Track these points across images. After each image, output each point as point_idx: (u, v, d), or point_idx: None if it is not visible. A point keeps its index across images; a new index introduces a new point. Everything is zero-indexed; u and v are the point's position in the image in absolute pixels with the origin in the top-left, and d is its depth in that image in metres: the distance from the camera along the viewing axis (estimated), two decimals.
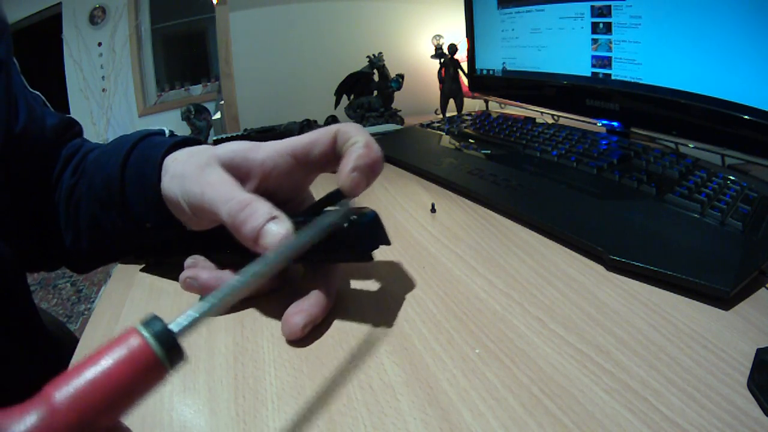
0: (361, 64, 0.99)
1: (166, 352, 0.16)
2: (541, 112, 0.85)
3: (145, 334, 0.16)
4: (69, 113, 1.14)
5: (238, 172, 0.31)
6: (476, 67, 0.87)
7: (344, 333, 0.30)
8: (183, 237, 0.35)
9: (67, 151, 0.43)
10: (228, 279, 0.22)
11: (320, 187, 0.38)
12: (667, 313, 0.30)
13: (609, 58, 0.59)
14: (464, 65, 0.93)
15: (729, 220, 0.36)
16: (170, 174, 0.32)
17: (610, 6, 0.57)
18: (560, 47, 0.67)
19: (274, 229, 0.26)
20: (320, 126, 0.77)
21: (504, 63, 0.80)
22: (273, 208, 0.27)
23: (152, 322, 0.17)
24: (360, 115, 0.97)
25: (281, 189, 0.33)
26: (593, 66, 0.62)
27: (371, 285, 0.36)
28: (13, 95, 0.40)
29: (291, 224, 0.26)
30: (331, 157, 0.32)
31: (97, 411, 0.15)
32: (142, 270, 0.41)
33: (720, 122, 0.48)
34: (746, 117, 0.45)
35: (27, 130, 0.40)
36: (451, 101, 0.96)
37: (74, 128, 0.46)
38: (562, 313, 0.31)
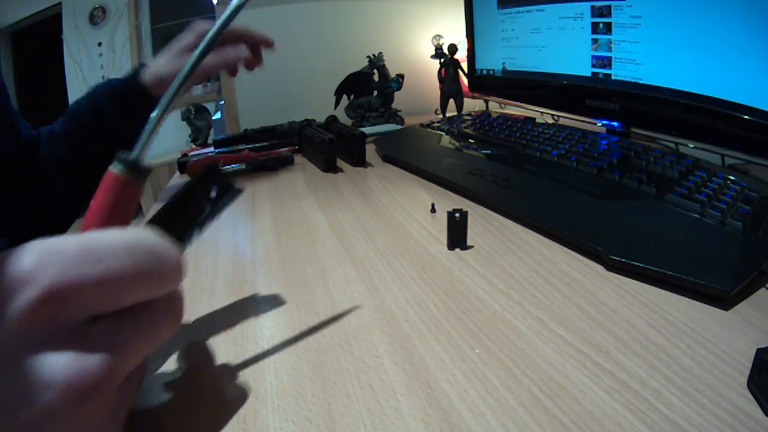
0: (361, 64, 0.99)
1: (130, 173, 0.23)
2: (541, 112, 0.85)
3: (113, 169, 0.23)
4: None
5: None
6: (476, 67, 0.87)
7: (344, 333, 0.30)
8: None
9: (43, 148, 0.52)
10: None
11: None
12: (667, 313, 0.30)
13: (609, 58, 0.59)
14: (464, 65, 0.93)
15: (729, 220, 0.36)
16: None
17: (610, 6, 0.57)
18: (560, 47, 0.67)
19: None
20: (320, 126, 0.77)
21: (504, 63, 0.80)
22: None
23: (117, 159, 0.23)
24: (360, 115, 0.97)
25: None
26: (593, 66, 0.62)
27: (370, 285, 0.36)
28: (10, 106, 0.48)
29: None
30: None
31: (109, 221, 0.22)
32: None
33: (720, 122, 0.48)
34: (746, 117, 0.45)
35: (25, 136, 0.48)
36: (451, 101, 0.96)
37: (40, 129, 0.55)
38: (562, 313, 0.31)
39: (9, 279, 0.16)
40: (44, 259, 0.17)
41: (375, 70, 0.98)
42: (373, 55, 0.98)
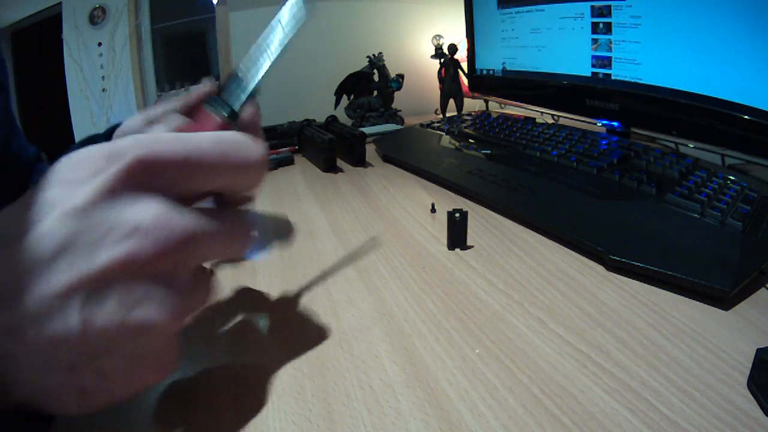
0: (361, 64, 0.99)
1: (231, 120, 0.27)
2: (541, 112, 0.85)
3: (218, 114, 0.27)
4: (69, 113, 1.13)
5: None
6: (476, 67, 0.87)
7: (344, 333, 0.30)
8: None
9: (35, 176, 0.48)
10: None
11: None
12: (667, 313, 0.30)
13: (609, 58, 0.60)
14: (464, 65, 0.93)
15: (729, 220, 0.36)
16: None
17: (610, 6, 0.57)
18: (560, 47, 0.67)
19: None
20: (320, 126, 0.77)
21: (504, 63, 0.80)
22: None
23: (223, 107, 0.27)
24: (360, 115, 0.97)
25: None
26: (593, 66, 0.62)
27: (371, 285, 0.36)
28: (11, 118, 0.44)
29: None
30: None
31: None
32: None
33: (720, 122, 0.48)
34: (746, 117, 0.45)
35: (20, 152, 0.45)
36: (451, 101, 0.96)
37: (42, 158, 0.51)
38: (562, 313, 0.31)
39: (108, 153, 0.19)
40: (139, 140, 0.19)
41: (375, 70, 0.98)
42: (373, 55, 0.98)
